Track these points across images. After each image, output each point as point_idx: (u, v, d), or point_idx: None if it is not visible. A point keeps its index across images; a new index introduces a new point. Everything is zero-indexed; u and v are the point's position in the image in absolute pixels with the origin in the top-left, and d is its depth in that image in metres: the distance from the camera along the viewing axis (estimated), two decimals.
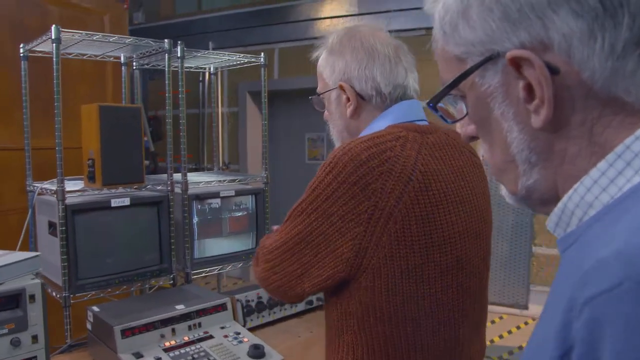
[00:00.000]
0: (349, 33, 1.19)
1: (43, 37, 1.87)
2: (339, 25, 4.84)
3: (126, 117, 1.93)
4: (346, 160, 1.02)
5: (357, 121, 1.20)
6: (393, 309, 1.04)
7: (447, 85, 0.57)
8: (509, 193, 0.59)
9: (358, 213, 1.00)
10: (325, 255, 1.05)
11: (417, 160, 1.04)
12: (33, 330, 1.24)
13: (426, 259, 1.03)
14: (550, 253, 4.21)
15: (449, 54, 0.57)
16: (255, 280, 1.27)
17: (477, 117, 0.57)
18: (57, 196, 1.79)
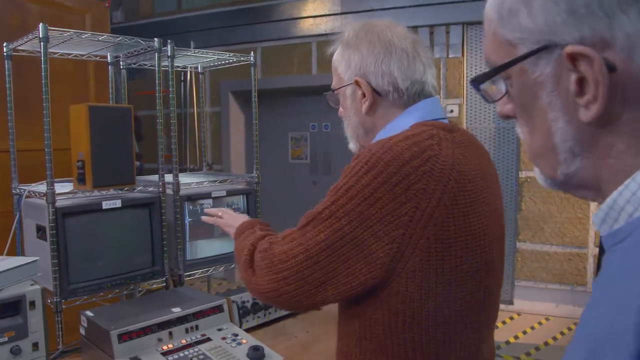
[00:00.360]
0: (366, 27, 1.15)
1: (29, 36, 1.82)
2: (322, 25, 4.83)
3: (116, 117, 1.89)
4: (388, 160, 0.97)
5: (372, 117, 1.16)
6: (425, 315, 1.00)
7: (497, 68, 0.57)
8: (545, 177, 0.59)
9: (398, 215, 0.95)
10: (356, 261, 0.98)
11: (453, 160, 1.01)
12: (33, 338, 1.20)
13: (460, 262, 1.00)
14: (534, 249, 4.27)
15: (501, 37, 0.57)
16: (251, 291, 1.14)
17: (521, 102, 0.58)
18: (47, 199, 1.74)
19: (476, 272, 1.03)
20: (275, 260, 1.05)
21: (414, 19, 4.41)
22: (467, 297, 1.03)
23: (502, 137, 4.30)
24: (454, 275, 0.99)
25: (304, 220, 1.05)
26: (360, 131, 1.20)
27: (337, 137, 5.43)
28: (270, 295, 1.08)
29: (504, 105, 0.62)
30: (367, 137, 1.19)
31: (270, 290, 1.07)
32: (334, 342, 1.86)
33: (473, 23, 4.31)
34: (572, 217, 4.14)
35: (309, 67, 5.02)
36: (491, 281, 1.08)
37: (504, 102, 0.62)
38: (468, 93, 4.37)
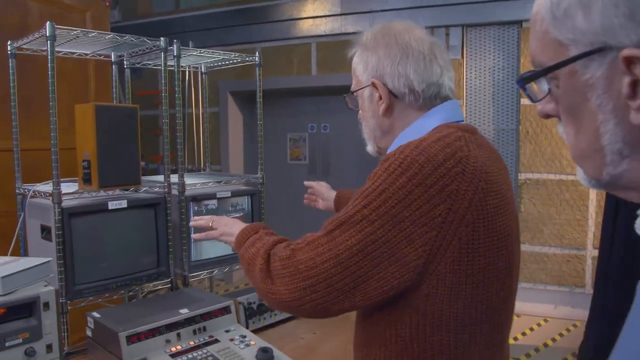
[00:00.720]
0: (384, 29, 1.16)
1: (35, 34, 1.80)
2: (322, 26, 4.83)
3: (122, 117, 1.88)
4: (423, 161, 0.97)
5: (389, 119, 1.17)
6: (453, 316, 1.00)
7: (547, 68, 0.57)
8: (589, 177, 0.59)
9: (432, 217, 0.95)
10: (387, 265, 0.96)
11: (479, 161, 1.01)
12: (47, 339, 1.18)
13: (488, 263, 1.00)
14: (533, 250, 4.28)
15: (551, 37, 0.57)
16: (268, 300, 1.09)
17: (568, 103, 0.58)
18: (54, 199, 1.72)
19: (501, 272, 1.04)
20: (301, 268, 1.01)
21: (414, 20, 4.35)
22: (493, 298, 1.03)
23: (501, 139, 4.31)
24: (482, 275, 1.00)
25: (331, 225, 1.02)
26: (377, 133, 1.20)
27: (336, 138, 5.44)
28: (292, 305, 1.04)
29: (545, 104, 0.62)
30: (385, 139, 1.20)
31: (294, 299, 1.03)
32: (341, 343, 1.87)
33: (472, 25, 4.31)
34: (571, 219, 4.16)
35: (308, 68, 5.02)
36: (512, 281, 1.09)
37: (546, 102, 0.62)
38: (467, 95, 4.38)
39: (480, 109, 4.36)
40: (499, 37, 4.27)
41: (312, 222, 2.02)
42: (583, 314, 3.71)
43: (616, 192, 0.59)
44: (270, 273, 1.07)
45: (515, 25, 4.21)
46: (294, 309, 1.05)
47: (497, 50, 4.28)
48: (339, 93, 1.78)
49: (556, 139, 4.17)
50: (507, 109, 4.30)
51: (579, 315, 4.04)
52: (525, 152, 4.26)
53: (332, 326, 2.03)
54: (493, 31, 4.28)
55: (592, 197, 4.09)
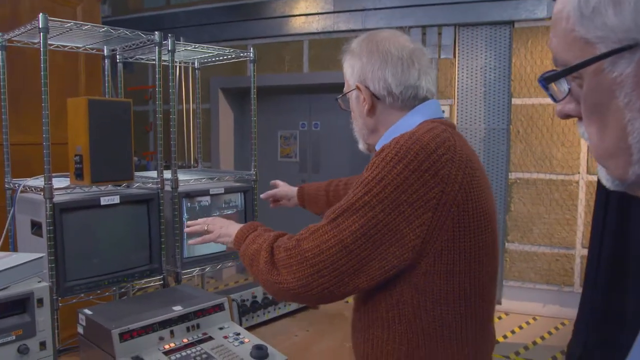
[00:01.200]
0: (369, 37, 1.27)
1: (27, 26, 1.77)
2: (314, 23, 4.81)
3: (116, 111, 1.85)
4: (417, 149, 1.06)
5: (373, 119, 1.28)
6: (450, 290, 1.10)
7: (572, 67, 0.56)
8: (613, 177, 0.59)
9: (427, 199, 1.04)
10: (388, 246, 1.05)
11: (464, 149, 1.13)
12: (41, 337, 1.16)
13: (477, 240, 1.11)
14: (522, 249, 4.31)
15: (577, 35, 0.56)
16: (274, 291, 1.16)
17: (593, 101, 0.57)
18: (45, 194, 1.70)
19: (488, 249, 1.15)
20: (308, 255, 1.09)
21: (406, 19, 4.42)
22: (482, 272, 1.14)
23: (492, 138, 4.33)
24: (473, 251, 1.10)
25: (333, 214, 1.10)
26: (364, 131, 1.32)
27: (326, 136, 5.43)
28: (299, 292, 1.10)
29: (565, 104, 0.61)
30: (372, 137, 1.31)
31: (301, 286, 1.10)
32: (335, 340, 1.87)
33: (465, 24, 4.33)
34: (560, 219, 4.19)
35: (300, 65, 5.00)
36: (496, 259, 1.21)
37: (566, 102, 0.61)
38: (459, 94, 4.40)
39: (472, 108, 4.37)
40: (491, 36, 4.29)
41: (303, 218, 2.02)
42: (571, 312, 3.74)
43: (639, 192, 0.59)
44: (275, 264, 1.14)
45: (507, 25, 4.23)
46: (301, 295, 1.12)
47: (489, 50, 4.30)
48: (330, 91, 1.79)
49: (546, 138, 4.20)
50: (498, 108, 4.32)
51: (568, 313, 4.08)
52: (515, 151, 4.28)
53: (326, 323, 2.03)
54: (485, 31, 4.30)
55: (582, 196, 4.13)
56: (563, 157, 4.16)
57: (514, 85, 4.24)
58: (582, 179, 4.12)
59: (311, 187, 1.96)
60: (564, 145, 4.15)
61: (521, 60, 4.21)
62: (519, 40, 4.20)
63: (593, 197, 3.59)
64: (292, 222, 3.19)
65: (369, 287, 1.10)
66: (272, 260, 1.15)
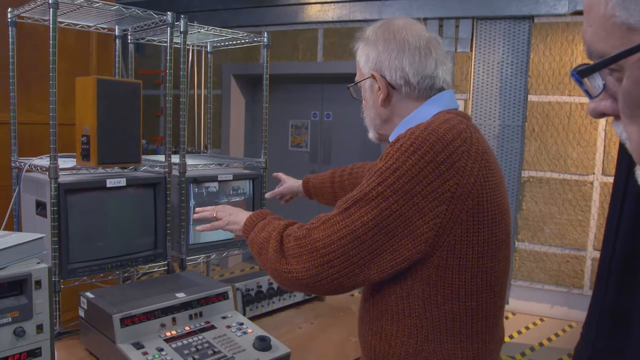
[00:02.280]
0: (385, 25, 1.24)
1: (37, 1, 1.73)
2: (329, 12, 4.75)
3: (125, 92, 1.82)
4: (433, 140, 1.04)
5: (387, 109, 1.25)
6: (462, 285, 1.08)
7: (614, 56, 0.49)
8: None
9: (442, 192, 1.02)
10: (401, 237, 1.03)
11: (480, 142, 1.11)
12: (38, 319, 1.12)
13: (491, 234, 1.09)
14: (532, 249, 4.25)
15: (617, 21, 0.50)
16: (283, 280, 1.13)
17: (635, 96, 0.50)
18: (50, 174, 1.67)
19: (501, 243, 1.13)
20: (319, 245, 1.07)
21: (423, 10, 4.34)
22: (495, 267, 1.12)
23: (506, 135, 4.26)
24: (486, 246, 1.08)
25: (345, 204, 1.08)
26: (377, 121, 1.28)
27: (338, 127, 5.37)
28: (309, 281, 1.08)
29: (600, 101, 0.55)
30: (385, 127, 1.28)
31: (311, 276, 1.08)
32: (340, 333, 1.83)
33: (483, 18, 4.24)
34: (572, 219, 4.12)
35: (314, 54, 4.94)
36: (508, 252, 1.19)
37: (601, 98, 0.55)
38: (475, 88, 4.32)
39: (487, 103, 4.30)
40: (510, 31, 4.20)
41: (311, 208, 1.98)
42: (580, 314, 3.68)
43: None
44: (284, 253, 1.12)
45: (526, 20, 4.14)
46: (310, 285, 1.10)
47: (506, 45, 4.22)
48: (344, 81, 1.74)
49: (562, 137, 4.12)
50: (513, 105, 4.25)
51: (576, 316, 4.02)
52: (529, 149, 4.20)
53: (330, 316, 1.99)
54: (504, 25, 4.21)
55: (596, 198, 4.05)
56: (578, 157, 4.08)
57: (531, 81, 4.16)
58: (596, 180, 4.04)
59: (316, 178, 1.93)
60: (580, 145, 4.07)
61: (539, 56, 4.12)
62: (538, 35, 4.12)
63: (607, 199, 3.52)
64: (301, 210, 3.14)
65: (380, 279, 1.08)
66: (282, 249, 1.12)
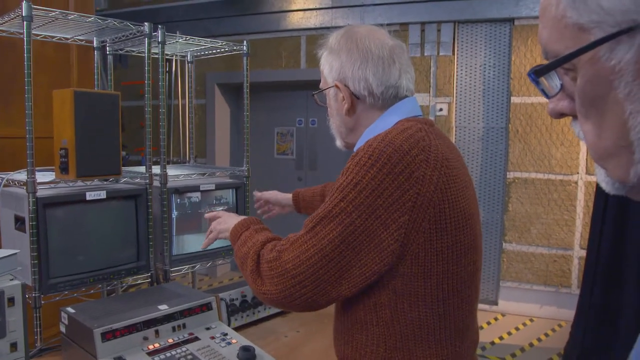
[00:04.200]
0: (347, 33, 1.23)
1: (11, 14, 1.71)
2: (312, 19, 4.76)
3: (103, 104, 1.80)
4: (390, 152, 1.04)
5: (352, 118, 1.25)
6: (428, 292, 1.08)
7: (565, 56, 0.50)
8: (613, 179, 0.53)
9: (403, 202, 1.03)
10: (368, 252, 1.04)
11: (440, 149, 1.11)
12: (12, 337, 1.11)
13: (455, 240, 1.09)
14: (519, 249, 4.27)
15: (569, 22, 0.50)
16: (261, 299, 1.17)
17: (589, 95, 0.51)
18: (28, 188, 1.64)
19: (467, 249, 1.13)
20: (289, 267, 1.08)
21: (405, 15, 4.37)
22: (461, 272, 1.12)
23: (490, 137, 4.29)
24: (450, 252, 1.09)
25: (311, 223, 1.08)
26: (342, 130, 1.29)
27: (323, 133, 5.37)
28: (284, 302, 1.11)
29: (557, 102, 0.55)
30: (351, 135, 1.29)
31: (284, 297, 1.09)
32: (325, 342, 1.82)
33: (464, 21, 4.28)
34: (558, 219, 4.14)
35: (297, 61, 4.95)
36: (477, 257, 1.19)
37: (558, 99, 0.55)
38: (458, 92, 4.35)
39: (470, 106, 4.32)
40: (491, 34, 4.24)
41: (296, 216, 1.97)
42: (569, 314, 3.70)
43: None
44: (260, 274, 1.13)
45: (507, 22, 4.18)
46: (285, 305, 1.12)
47: (488, 48, 4.25)
48: None
49: (545, 138, 4.15)
50: (497, 107, 4.27)
51: (565, 315, 4.04)
52: (514, 150, 4.23)
53: (316, 324, 1.98)
54: (485, 28, 4.25)
55: (580, 197, 4.08)
56: (562, 157, 4.11)
57: (514, 83, 4.19)
58: (581, 179, 4.07)
59: (306, 192, 1.93)
60: (563, 145, 4.10)
61: (521, 58, 4.16)
62: (519, 38, 4.15)
63: (592, 198, 3.54)
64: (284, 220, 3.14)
65: (352, 294, 1.08)
66: (258, 269, 1.14)
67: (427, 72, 4.42)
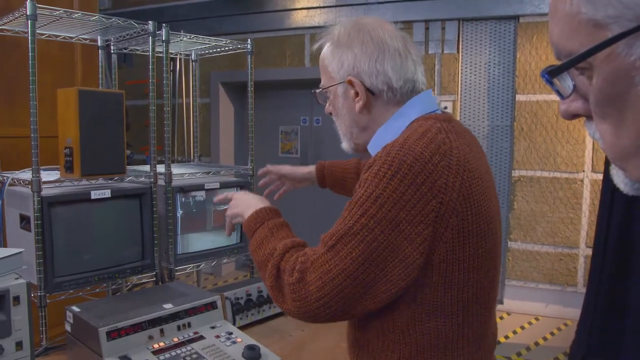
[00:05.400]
0: (357, 26, 1.15)
1: (15, 13, 1.71)
2: (316, 17, 4.75)
3: (108, 103, 1.80)
4: (411, 161, 0.98)
5: (367, 116, 1.17)
6: (448, 302, 1.04)
7: (582, 54, 0.49)
8: (634, 180, 0.51)
9: (426, 214, 0.97)
10: (393, 267, 0.99)
11: (461, 151, 1.04)
12: (17, 336, 1.10)
13: (477, 247, 1.04)
14: (525, 248, 4.25)
15: (583, 18, 0.49)
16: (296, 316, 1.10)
17: (607, 93, 0.49)
18: (32, 187, 1.64)
19: (489, 254, 1.08)
20: (312, 290, 1.02)
21: (409, 13, 4.35)
22: (482, 279, 1.07)
23: (496, 135, 4.27)
24: (472, 260, 1.03)
25: (332, 240, 1.02)
26: (354, 130, 1.20)
27: (328, 132, 5.36)
28: (308, 320, 1.07)
29: (571, 102, 0.54)
30: (362, 135, 1.20)
31: (309, 317, 1.05)
32: (331, 341, 1.82)
33: (469, 19, 4.26)
34: (564, 217, 4.12)
35: (301, 60, 4.94)
36: (498, 260, 1.15)
37: (572, 99, 0.54)
38: (462, 90, 4.33)
39: (475, 104, 4.31)
40: (496, 32, 4.22)
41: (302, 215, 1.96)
42: (574, 312, 3.67)
43: None
44: (282, 291, 1.07)
45: (512, 20, 4.15)
46: (307, 320, 1.08)
47: (493, 46, 4.23)
48: None
49: (551, 136, 4.13)
50: (502, 105, 4.26)
51: (571, 314, 4.02)
52: (519, 148, 4.21)
53: (321, 324, 1.97)
54: (489, 26, 4.23)
55: (586, 195, 4.06)
56: (568, 154, 4.09)
57: (519, 81, 4.17)
58: (587, 177, 4.05)
59: (335, 167, 1.76)
60: (569, 143, 4.08)
61: (526, 56, 4.14)
62: (523, 35, 4.13)
63: (598, 196, 3.52)
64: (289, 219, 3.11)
65: (377, 308, 1.04)
66: (278, 285, 1.08)
67: (431, 70, 4.41)
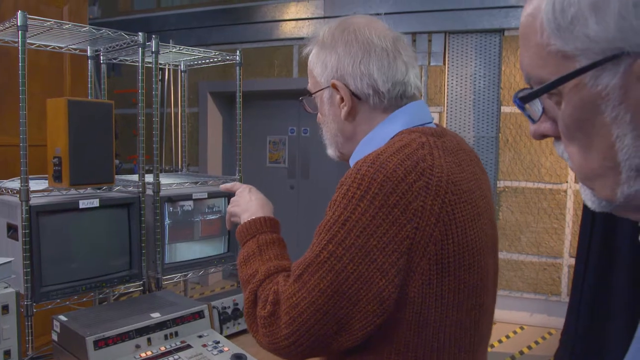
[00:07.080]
0: (342, 25, 1.04)
1: (6, 24, 1.73)
2: (304, 28, 4.80)
3: (97, 113, 1.82)
4: (381, 179, 0.87)
5: (352, 124, 1.06)
6: (421, 343, 0.91)
7: (551, 83, 0.51)
8: (600, 199, 0.54)
9: (400, 241, 0.86)
10: (366, 303, 0.87)
11: (448, 170, 0.92)
12: (5, 345, 1.11)
13: (458, 282, 0.91)
14: (510, 258, 4.30)
15: (553, 50, 0.51)
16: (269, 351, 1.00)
17: (575, 119, 0.52)
18: (21, 196, 1.65)
19: (472, 291, 0.95)
20: (281, 325, 0.92)
21: (397, 26, 4.34)
22: (463, 318, 0.94)
23: (481, 146, 4.33)
24: (452, 296, 0.91)
25: (299, 270, 0.92)
26: (339, 139, 1.10)
27: (315, 142, 5.39)
28: (278, 354, 0.97)
29: (540, 124, 0.57)
30: (348, 145, 1.10)
31: (281, 354, 0.96)
32: None
33: (455, 32, 4.33)
34: (548, 228, 4.18)
35: (289, 71, 4.98)
36: (485, 298, 1.00)
37: (541, 121, 0.57)
38: (448, 101, 4.39)
39: (461, 115, 4.37)
40: (481, 44, 4.29)
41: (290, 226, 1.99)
42: (559, 321, 3.72)
43: (627, 214, 0.54)
44: (255, 321, 0.98)
45: (497, 33, 4.23)
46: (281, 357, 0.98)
47: (478, 58, 4.30)
48: None
49: (535, 147, 4.20)
50: (487, 116, 4.32)
51: (555, 323, 4.07)
52: (504, 159, 4.28)
53: None
54: (475, 38, 4.30)
55: (570, 206, 4.13)
56: (551, 165, 4.16)
57: (504, 93, 4.24)
58: (570, 188, 4.12)
59: None
60: (553, 154, 4.15)
61: (511, 68, 4.21)
62: (508, 48, 4.21)
63: (581, 207, 3.59)
64: None
65: (354, 345, 0.92)
66: (253, 314, 0.99)
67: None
